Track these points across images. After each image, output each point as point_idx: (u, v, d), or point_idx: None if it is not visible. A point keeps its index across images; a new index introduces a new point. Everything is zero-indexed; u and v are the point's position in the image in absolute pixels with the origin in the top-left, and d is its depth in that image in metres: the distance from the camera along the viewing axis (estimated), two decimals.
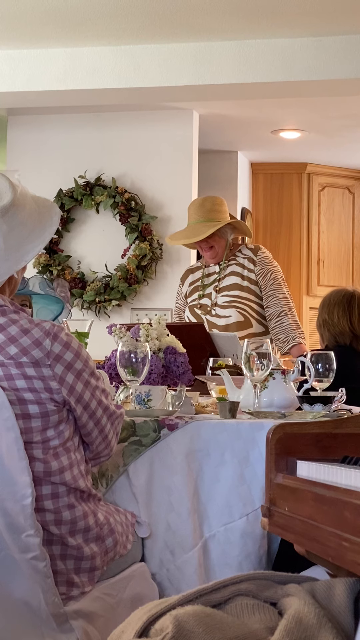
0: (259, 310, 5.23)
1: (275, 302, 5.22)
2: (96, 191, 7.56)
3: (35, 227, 2.48)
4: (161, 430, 2.89)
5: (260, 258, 5.27)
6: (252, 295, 5.22)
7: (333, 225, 9.23)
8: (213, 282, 5.29)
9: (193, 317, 5.29)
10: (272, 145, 8.55)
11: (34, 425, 2.39)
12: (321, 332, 4.60)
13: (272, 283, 5.23)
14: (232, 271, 5.26)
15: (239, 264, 5.26)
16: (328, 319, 4.56)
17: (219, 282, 5.27)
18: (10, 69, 6.71)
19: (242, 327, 5.17)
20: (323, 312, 4.59)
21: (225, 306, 5.20)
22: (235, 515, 2.86)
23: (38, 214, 2.50)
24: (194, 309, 5.30)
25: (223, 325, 5.18)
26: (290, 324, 5.19)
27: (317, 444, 1.97)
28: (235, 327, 5.16)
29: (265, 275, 5.23)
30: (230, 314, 5.18)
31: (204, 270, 5.37)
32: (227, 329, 5.15)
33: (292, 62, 6.26)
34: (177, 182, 7.53)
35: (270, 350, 3.09)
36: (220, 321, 5.20)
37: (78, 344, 2.47)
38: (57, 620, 2.36)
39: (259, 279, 5.23)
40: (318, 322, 4.62)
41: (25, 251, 2.45)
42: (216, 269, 5.32)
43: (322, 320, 4.58)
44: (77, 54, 6.61)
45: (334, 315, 4.54)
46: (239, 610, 1.69)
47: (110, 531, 2.56)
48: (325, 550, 1.59)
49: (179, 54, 6.45)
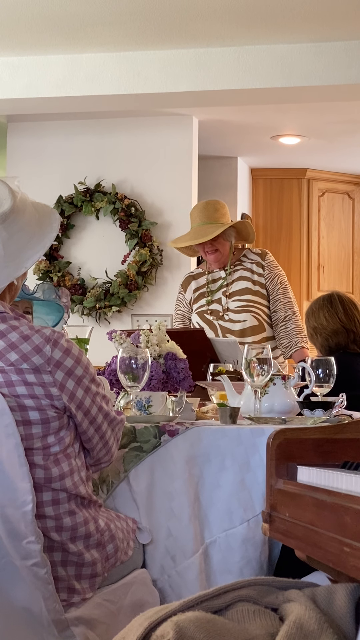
0: (269, 314, 5.23)
1: (281, 306, 5.22)
2: (96, 197, 7.57)
3: (35, 233, 2.48)
4: (162, 436, 2.89)
5: (268, 262, 5.27)
6: (263, 299, 5.21)
7: (333, 231, 9.23)
8: (220, 287, 5.27)
9: (204, 323, 5.25)
10: (272, 151, 8.56)
11: (35, 432, 2.39)
12: (314, 341, 4.60)
13: (279, 287, 5.23)
14: (241, 276, 5.24)
15: (247, 268, 5.24)
16: (317, 325, 4.56)
17: (227, 287, 5.25)
18: (10, 76, 6.71)
19: (256, 331, 5.16)
20: (310, 321, 4.61)
21: (238, 311, 5.18)
22: (236, 521, 2.85)
23: (38, 220, 2.50)
24: (204, 315, 5.26)
25: (239, 330, 5.15)
26: (293, 329, 5.19)
27: (317, 450, 1.97)
28: (250, 331, 5.15)
29: (273, 279, 5.23)
30: (245, 318, 5.16)
31: (208, 276, 5.35)
32: (243, 334, 5.13)
33: (291, 67, 6.27)
34: (177, 188, 7.54)
35: (270, 355, 3.09)
36: (235, 326, 5.17)
37: (78, 351, 2.47)
38: (58, 627, 2.36)
39: (267, 283, 5.23)
40: (309, 332, 4.63)
41: (25, 257, 2.45)
42: (222, 274, 5.29)
43: (312, 328, 4.59)
44: (77, 61, 6.62)
45: (321, 318, 4.54)
46: (240, 616, 1.69)
47: (111, 537, 2.56)
48: (326, 555, 1.59)
49: (178, 60, 6.46)
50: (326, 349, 4.50)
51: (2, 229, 2.41)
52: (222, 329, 5.18)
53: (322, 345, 4.52)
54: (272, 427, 2.90)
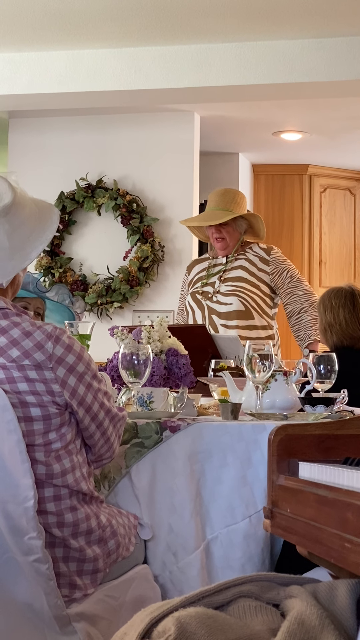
0: (262, 305, 5.23)
1: (295, 299, 5.24)
2: (98, 193, 7.56)
3: (36, 226, 2.49)
4: (163, 432, 2.89)
5: (274, 257, 5.29)
6: (258, 290, 5.22)
7: (334, 227, 9.23)
8: (218, 272, 5.31)
9: (194, 303, 5.30)
10: (274, 147, 8.55)
11: (36, 428, 2.40)
12: (326, 336, 4.45)
13: (289, 281, 5.25)
14: (240, 265, 5.27)
15: (249, 260, 5.27)
16: (334, 323, 4.41)
17: (224, 272, 5.29)
18: (12, 72, 6.71)
19: (242, 316, 5.17)
20: (327, 315, 4.42)
21: (227, 294, 5.21)
22: (238, 517, 2.86)
23: (38, 214, 2.52)
24: (195, 294, 5.32)
25: (223, 312, 5.19)
26: (308, 321, 5.21)
27: (319, 446, 1.97)
28: (235, 315, 5.17)
29: (281, 273, 5.25)
30: (232, 301, 5.19)
31: (211, 261, 5.40)
32: (227, 317, 5.16)
33: (293, 63, 6.26)
34: (178, 184, 7.53)
35: (272, 351, 3.09)
36: (221, 308, 5.21)
37: (80, 347, 2.47)
38: (59, 623, 2.36)
39: (273, 278, 5.25)
40: (322, 326, 4.46)
41: (29, 249, 2.47)
42: (223, 260, 5.34)
43: (328, 324, 4.41)
44: (78, 57, 6.62)
45: (340, 318, 4.39)
46: (242, 612, 1.69)
47: (112, 533, 2.56)
48: (328, 551, 1.59)
49: (180, 56, 6.45)
50: (337, 349, 4.36)
51: (5, 222, 2.42)
52: (208, 310, 5.22)
53: (335, 344, 4.40)
54: (273, 423, 2.90)
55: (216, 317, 5.20)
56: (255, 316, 5.21)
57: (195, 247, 7.48)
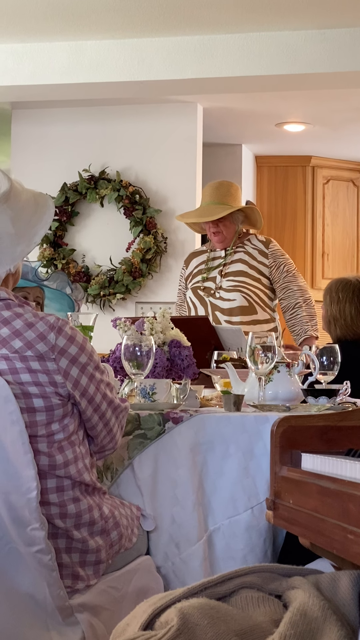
0: (265, 299, 5.24)
1: (290, 294, 5.25)
2: (100, 185, 7.56)
3: (35, 210, 2.51)
4: (166, 424, 2.89)
5: (273, 251, 5.30)
6: (260, 284, 5.23)
7: (337, 218, 9.22)
8: (218, 266, 5.31)
9: (196, 299, 5.31)
10: (277, 138, 8.54)
11: (39, 419, 2.40)
12: (330, 328, 4.42)
13: (285, 275, 5.26)
14: (240, 259, 5.27)
15: (248, 253, 5.28)
16: (339, 317, 4.37)
17: (224, 267, 5.29)
18: (14, 63, 6.70)
19: (245, 312, 5.18)
20: (332, 308, 4.37)
21: (230, 290, 5.22)
22: (240, 508, 2.86)
23: (34, 200, 2.54)
24: (197, 290, 5.32)
25: (227, 309, 5.20)
26: (303, 317, 5.22)
27: (321, 437, 1.97)
28: (238, 311, 5.18)
29: (279, 267, 5.26)
30: (235, 297, 5.20)
31: (210, 254, 5.39)
32: (231, 313, 5.18)
33: (296, 54, 6.25)
34: (181, 176, 7.52)
35: (275, 343, 3.09)
36: (224, 304, 5.22)
37: (83, 338, 2.47)
38: (62, 614, 2.37)
39: (271, 272, 5.26)
40: (327, 318, 4.42)
41: (32, 233, 2.48)
42: (221, 254, 5.34)
43: (332, 317, 4.37)
44: (81, 48, 6.61)
45: (346, 313, 4.35)
46: (244, 603, 1.69)
47: (115, 524, 2.56)
48: (330, 542, 1.59)
49: (182, 47, 6.44)
50: (340, 341, 4.33)
51: (7, 208, 2.42)
52: (212, 306, 5.23)
53: (338, 337, 4.37)
54: (276, 414, 2.90)
55: (219, 313, 5.21)
56: (259, 311, 5.22)
57: (198, 239, 7.48)
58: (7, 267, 2.46)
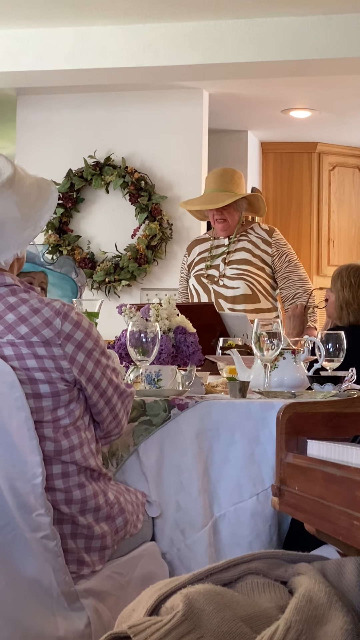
0: (268, 288, 5.26)
1: (290, 284, 5.27)
2: (106, 171, 7.55)
3: (39, 195, 2.51)
4: (171, 410, 2.89)
5: (276, 240, 5.31)
6: (263, 273, 5.25)
7: (343, 205, 9.20)
8: (222, 254, 5.31)
9: (199, 286, 5.33)
10: (282, 125, 8.52)
11: (45, 405, 2.40)
12: (340, 313, 4.40)
13: (287, 265, 5.27)
14: (243, 247, 5.28)
15: (251, 241, 5.29)
16: (352, 302, 4.36)
17: (228, 255, 5.29)
18: (19, 48, 6.69)
19: (249, 300, 5.19)
20: (344, 292, 4.36)
21: (233, 278, 5.23)
22: (246, 495, 2.86)
23: (37, 185, 2.54)
24: (200, 278, 5.34)
25: (230, 297, 5.21)
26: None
27: (327, 424, 1.96)
28: (242, 299, 5.19)
29: (281, 257, 5.27)
30: (239, 285, 5.21)
31: (213, 242, 5.40)
32: (234, 301, 5.19)
33: (302, 40, 6.23)
34: (186, 162, 7.51)
35: (280, 330, 3.09)
36: (227, 292, 5.23)
37: (89, 323, 2.47)
38: (67, 599, 2.37)
39: (274, 261, 5.27)
40: (337, 303, 4.41)
41: (37, 217, 2.48)
42: (225, 241, 5.34)
43: (345, 301, 4.36)
44: (86, 33, 6.59)
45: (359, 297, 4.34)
46: (250, 589, 1.69)
47: (120, 510, 2.57)
48: (336, 529, 1.59)
49: (188, 32, 6.42)
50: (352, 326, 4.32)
51: (12, 193, 2.42)
52: (215, 294, 5.24)
53: (350, 322, 4.35)
54: (281, 401, 2.90)
55: (223, 301, 5.22)
56: (262, 299, 5.23)
57: (203, 225, 7.46)
58: (14, 251, 2.47)
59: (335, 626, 1.49)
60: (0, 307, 2.40)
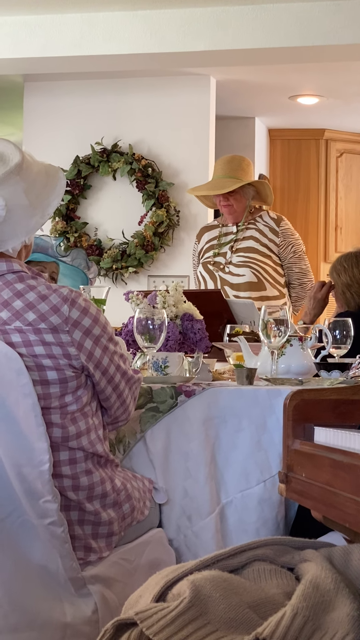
0: (275, 275, 5.28)
1: (290, 274, 5.34)
2: (113, 158, 7.53)
3: (47, 182, 2.51)
4: (178, 397, 2.89)
5: (283, 229, 5.33)
6: (270, 260, 5.27)
7: (351, 192, 9.17)
8: (230, 241, 5.33)
9: (206, 273, 5.35)
10: (290, 111, 8.50)
11: (52, 391, 2.40)
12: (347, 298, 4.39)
13: (292, 256, 5.32)
14: (251, 235, 5.30)
15: (259, 230, 5.31)
16: (352, 282, 4.36)
17: (235, 242, 5.31)
18: (27, 35, 6.68)
19: (254, 287, 5.22)
20: (342, 277, 4.39)
21: (239, 265, 5.26)
22: (253, 481, 2.86)
23: (45, 171, 2.54)
24: (207, 265, 5.37)
25: (235, 284, 5.24)
26: (292, 297, 5.35)
27: (334, 410, 1.96)
28: (247, 286, 5.22)
29: (287, 247, 5.30)
30: (244, 273, 5.24)
31: (222, 229, 5.42)
32: (239, 288, 5.21)
33: (310, 26, 6.21)
34: (194, 149, 7.50)
35: (287, 317, 3.08)
36: (233, 279, 5.26)
37: (96, 310, 2.47)
38: (75, 585, 2.38)
39: (280, 250, 5.30)
40: (339, 290, 4.41)
41: (45, 204, 2.48)
42: (233, 229, 5.36)
43: (345, 285, 4.36)
44: (94, 19, 6.58)
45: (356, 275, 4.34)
46: (256, 576, 1.69)
47: (127, 497, 2.57)
48: (343, 516, 1.59)
49: (195, 19, 6.40)
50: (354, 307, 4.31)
51: (20, 180, 2.42)
52: (221, 281, 5.27)
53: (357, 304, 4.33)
54: (288, 388, 2.90)
55: (228, 288, 5.25)
56: (268, 287, 5.26)
57: (211, 212, 7.46)
58: (22, 238, 2.47)
59: (342, 613, 1.49)
60: (8, 294, 2.40)
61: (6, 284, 2.42)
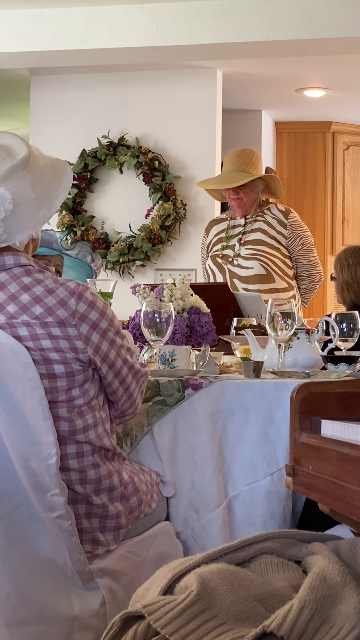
0: (283, 267, 5.29)
1: (298, 266, 5.35)
2: (119, 151, 7.53)
3: (53, 175, 2.51)
4: (185, 390, 2.89)
5: (292, 222, 5.34)
6: (278, 252, 5.28)
7: (357, 185, 9.16)
8: (238, 234, 5.34)
9: (215, 266, 5.36)
10: (297, 104, 8.48)
11: (59, 385, 2.40)
12: (343, 295, 4.41)
13: (300, 248, 5.33)
14: (259, 228, 5.31)
15: (267, 222, 5.31)
16: (352, 281, 4.36)
17: (243, 235, 5.32)
18: (33, 29, 6.67)
19: (263, 280, 5.23)
20: (344, 273, 4.38)
21: (248, 258, 5.27)
22: (260, 474, 2.86)
23: (52, 165, 2.54)
24: (215, 258, 5.38)
25: (244, 277, 5.25)
26: (301, 289, 5.36)
27: (341, 403, 1.96)
28: (256, 279, 5.23)
29: (295, 239, 5.31)
30: (253, 265, 5.25)
31: (230, 222, 5.42)
32: (248, 281, 5.22)
33: (316, 19, 6.19)
34: (200, 142, 7.49)
35: (294, 310, 3.08)
36: (242, 272, 5.27)
37: (103, 303, 2.47)
38: (82, 578, 2.38)
39: (288, 243, 5.30)
40: (339, 285, 4.42)
41: (52, 197, 2.48)
42: (241, 222, 5.37)
43: (345, 282, 4.36)
44: (100, 13, 6.57)
45: (357, 276, 4.35)
46: (264, 568, 1.69)
47: (134, 490, 2.57)
48: (350, 509, 1.60)
49: (202, 11, 6.39)
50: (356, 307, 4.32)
51: (27, 174, 2.42)
52: (230, 273, 5.28)
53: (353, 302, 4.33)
54: (295, 381, 2.90)
55: (237, 280, 5.25)
56: (276, 279, 5.26)
57: (217, 205, 7.45)
58: (29, 232, 2.47)
59: (349, 605, 1.49)
60: (15, 288, 2.41)
61: (13, 278, 2.42)
